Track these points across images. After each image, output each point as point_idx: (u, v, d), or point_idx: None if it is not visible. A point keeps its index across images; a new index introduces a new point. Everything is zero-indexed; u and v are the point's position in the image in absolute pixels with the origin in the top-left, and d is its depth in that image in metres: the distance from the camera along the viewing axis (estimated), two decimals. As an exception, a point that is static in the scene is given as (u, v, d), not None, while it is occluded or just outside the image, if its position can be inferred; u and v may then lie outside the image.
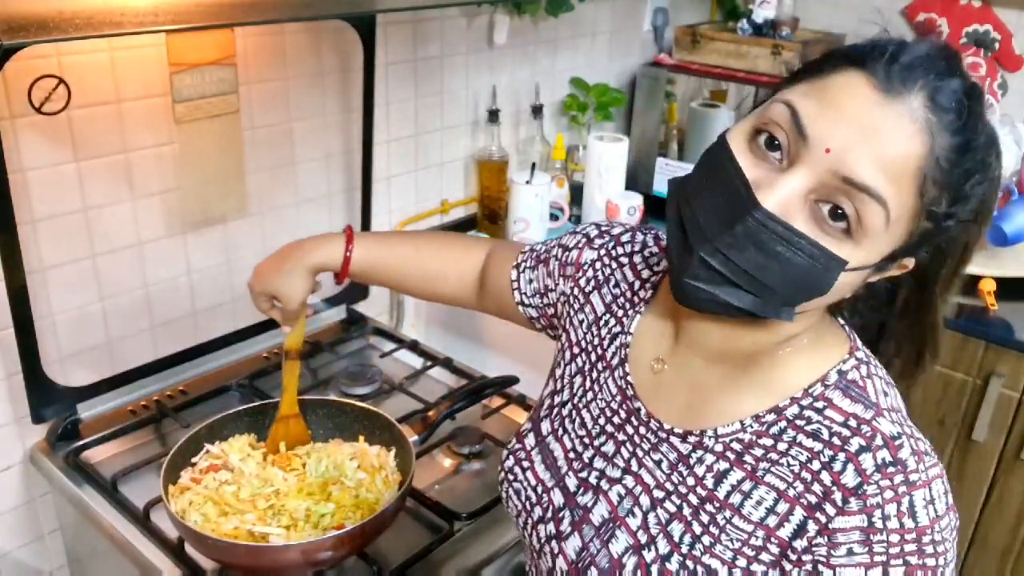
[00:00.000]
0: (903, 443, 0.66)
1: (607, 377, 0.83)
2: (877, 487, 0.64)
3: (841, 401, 0.69)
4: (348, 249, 1.00)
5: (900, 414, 0.69)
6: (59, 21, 0.84)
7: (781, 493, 0.68)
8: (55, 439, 1.31)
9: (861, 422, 0.67)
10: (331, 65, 1.55)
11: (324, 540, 0.96)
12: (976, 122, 0.61)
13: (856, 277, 0.65)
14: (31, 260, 1.24)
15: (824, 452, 0.67)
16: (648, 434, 0.77)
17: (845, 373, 0.70)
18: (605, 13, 2.15)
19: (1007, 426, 1.64)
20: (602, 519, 0.77)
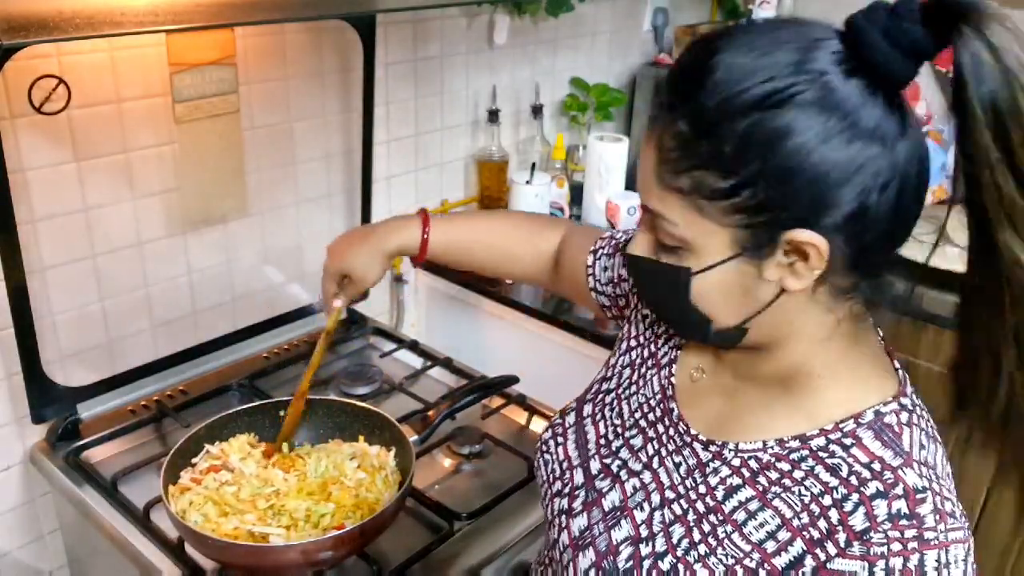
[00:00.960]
0: (926, 498, 0.62)
1: (654, 374, 0.85)
2: (885, 536, 0.61)
3: (871, 443, 0.66)
4: (425, 232, 1.04)
5: (933, 471, 0.65)
6: (59, 21, 0.84)
7: (786, 521, 0.66)
8: (55, 439, 1.31)
9: (886, 468, 0.64)
10: (331, 65, 1.55)
11: (324, 540, 0.96)
12: (690, 97, 0.61)
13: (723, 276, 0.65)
14: (31, 260, 1.24)
15: (838, 489, 0.64)
16: (675, 436, 0.78)
17: (883, 415, 0.67)
18: (605, 13, 2.15)
19: (1007, 426, 1.64)
20: (612, 506, 0.78)
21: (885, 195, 0.61)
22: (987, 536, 1.73)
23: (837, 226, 0.61)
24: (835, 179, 0.59)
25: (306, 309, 1.67)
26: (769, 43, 0.60)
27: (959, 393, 0.68)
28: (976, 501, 1.72)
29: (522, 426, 1.43)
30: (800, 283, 0.64)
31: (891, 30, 0.58)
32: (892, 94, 0.60)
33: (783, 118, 0.58)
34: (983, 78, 0.54)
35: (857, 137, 0.59)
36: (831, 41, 0.60)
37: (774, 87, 0.59)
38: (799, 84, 0.59)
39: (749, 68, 0.60)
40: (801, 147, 0.58)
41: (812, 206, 0.60)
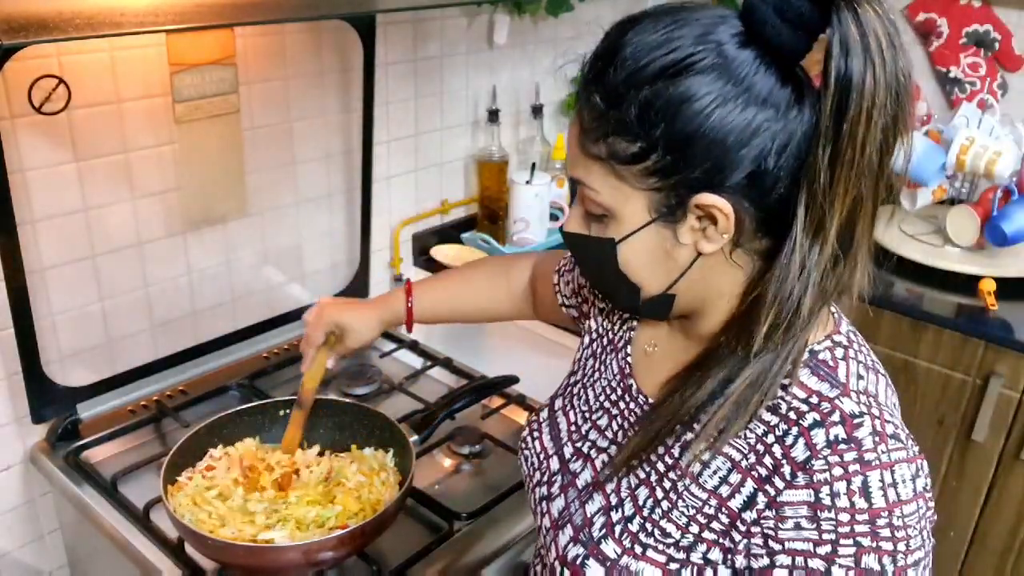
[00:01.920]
0: (863, 422, 0.65)
1: (612, 358, 0.89)
2: (825, 463, 0.64)
3: (807, 379, 0.69)
4: (408, 301, 1.14)
5: (872, 398, 0.68)
6: (59, 21, 0.84)
7: (735, 464, 0.70)
8: (55, 439, 1.31)
9: (823, 399, 0.67)
10: (331, 65, 1.55)
11: (324, 540, 0.96)
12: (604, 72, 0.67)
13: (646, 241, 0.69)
14: (31, 260, 1.24)
15: (779, 426, 0.68)
16: (636, 408, 0.82)
17: (816, 352, 0.71)
18: (605, 13, 2.15)
19: (1007, 426, 1.64)
20: (585, 483, 0.82)
21: (784, 158, 0.64)
22: (987, 536, 1.74)
23: (739, 187, 0.65)
24: (732, 142, 0.63)
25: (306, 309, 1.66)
26: (673, 22, 0.66)
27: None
28: (976, 501, 1.72)
29: (522, 426, 1.43)
30: (712, 245, 0.68)
31: (780, 6, 0.62)
32: (787, 67, 0.65)
33: (683, 85, 0.63)
34: (846, 54, 0.59)
35: (751, 103, 0.63)
36: (732, 19, 0.66)
37: (674, 58, 0.64)
38: (697, 54, 0.64)
39: (654, 43, 0.65)
40: (699, 111, 0.63)
41: (714, 168, 0.64)
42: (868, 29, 0.59)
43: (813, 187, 0.63)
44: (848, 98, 0.60)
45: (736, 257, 0.70)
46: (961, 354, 1.65)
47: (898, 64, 0.60)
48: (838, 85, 0.60)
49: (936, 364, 1.68)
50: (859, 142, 0.61)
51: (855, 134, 0.60)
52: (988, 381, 1.62)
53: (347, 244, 1.72)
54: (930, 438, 1.73)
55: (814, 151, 0.62)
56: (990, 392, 1.61)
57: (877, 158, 0.62)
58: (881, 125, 0.61)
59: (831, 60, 0.60)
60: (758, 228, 0.68)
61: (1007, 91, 2.11)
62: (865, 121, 0.60)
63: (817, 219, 0.63)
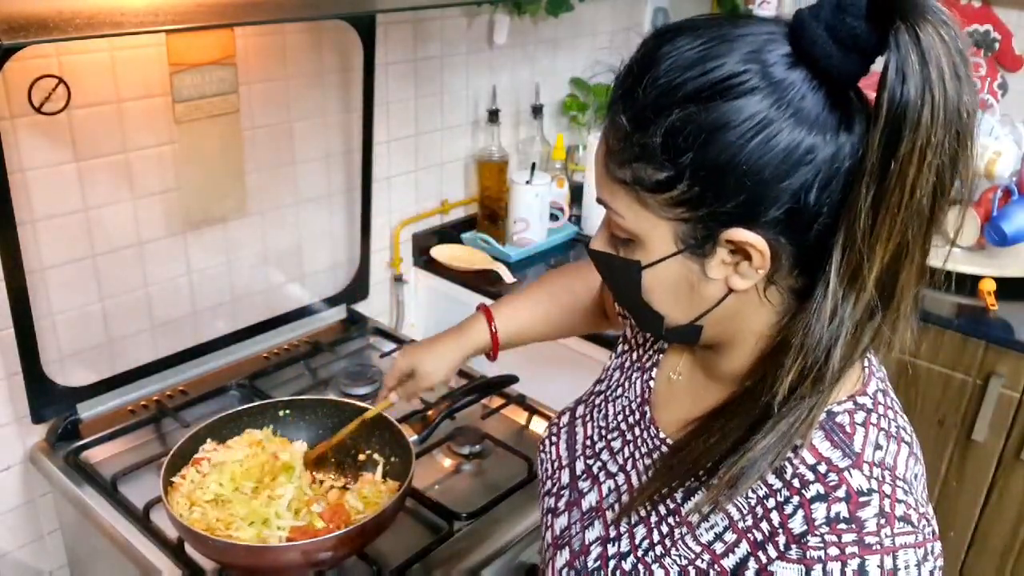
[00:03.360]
0: (870, 501, 0.60)
1: (637, 377, 0.85)
2: (821, 540, 0.59)
3: (820, 443, 0.64)
4: (492, 328, 1.08)
5: (888, 471, 0.62)
6: (59, 21, 0.84)
7: (733, 523, 0.66)
8: (55, 439, 1.31)
9: (831, 469, 0.62)
10: (331, 65, 1.55)
11: (324, 540, 0.96)
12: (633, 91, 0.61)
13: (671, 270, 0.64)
14: (31, 260, 1.23)
15: (781, 491, 0.63)
16: (648, 439, 0.79)
17: (835, 415, 0.65)
18: (605, 13, 2.15)
19: (1007, 426, 1.64)
20: (589, 506, 0.80)
21: (827, 194, 0.58)
22: (987, 536, 1.73)
23: (776, 223, 0.59)
24: (770, 175, 0.57)
25: (306, 309, 1.67)
26: (714, 38, 0.59)
27: None
28: (976, 501, 1.72)
29: (522, 426, 1.43)
30: (745, 283, 0.63)
31: (833, 24, 0.56)
32: (838, 91, 0.58)
33: (718, 110, 0.57)
34: (902, 82, 0.53)
35: (794, 133, 0.57)
36: (777, 36, 0.59)
37: (711, 79, 0.58)
38: (739, 76, 0.57)
39: (689, 61, 0.59)
40: (734, 140, 0.57)
41: (748, 203, 0.59)
42: (930, 56, 0.52)
43: (852, 229, 0.56)
44: (900, 132, 0.53)
45: (769, 294, 0.64)
46: (961, 354, 1.65)
47: (962, 98, 0.53)
48: (890, 116, 0.53)
49: (936, 364, 1.68)
50: (909, 183, 0.54)
51: (905, 174, 0.53)
52: (988, 381, 1.62)
53: (347, 244, 1.72)
54: (930, 438, 1.73)
55: (857, 189, 0.56)
56: (990, 392, 1.61)
57: (928, 203, 0.55)
58: (936, 166, 0.54)
59: (884, 88, 0.53)
60: (795, 265, 0.62)
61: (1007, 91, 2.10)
62: (917, 161, 0.53)
63: (854, 264, 0.57)
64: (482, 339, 1.09)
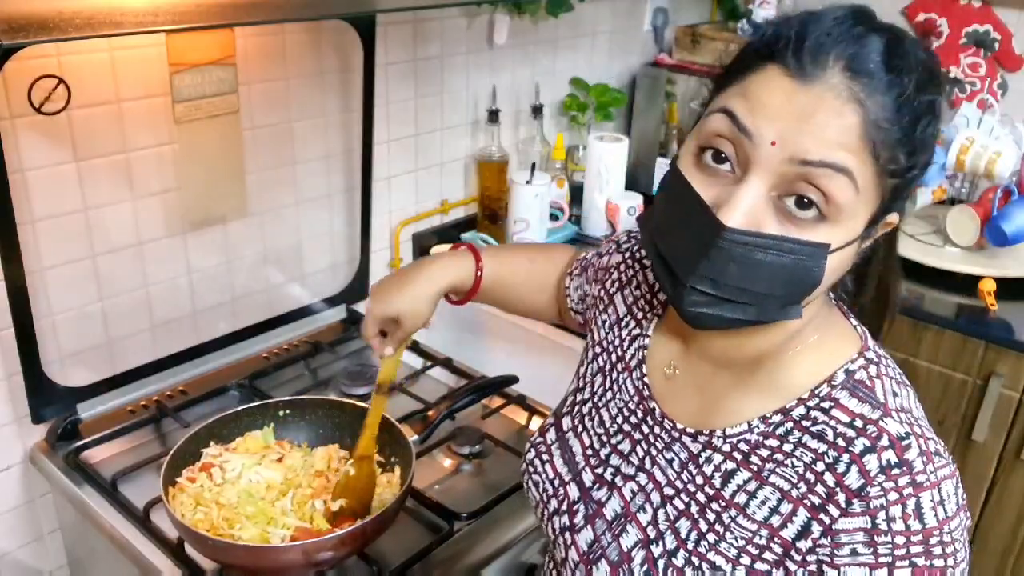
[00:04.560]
0: (911, 443, 0.65)
1: (625, 378, 0.85)
2: (881, 489, 0.64)
3: (848, 401, 0.68)
4: (478, 267, 1.00)
5: (910, 415, 0.68)
6: (59, 21, 0.84)
7: (785, 494, 0.68)
8: (55, 439, 1.31)
9: (867, 422, 0.66)
10: (331, 65, 1.55)
11: (324, 540, 0.96)
12: (902, 73, 0.61)
13: (846, 254, 0.65)
14: (31, 260, 1.23)
15: (828, 453, 0.67)
16: (662, 433, 0.79)
17: (852, 373, 0.70)
18: (605, 13, 2.15)
19: (1007, 426, 1.64)
20: (615, 514, 0.78)
21: None
22: (987, 536, 1.73)
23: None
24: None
25: (306, 309, 1.66)
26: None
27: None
28: (976, 501, 1.72)
29: (522, 426, 1.43)
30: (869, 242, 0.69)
31: None
32: None
33: (943, 108, 0.65)
34: None
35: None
36: None
37: (942, 77, 0.65)
38: (939, 92, 0.64)
39: (928, 56, 0.63)
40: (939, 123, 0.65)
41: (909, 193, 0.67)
42: None
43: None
44: None
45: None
46: (961, 354, 1.65)
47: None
48: None
49: (936, 364, 1.68)
50: None
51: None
52: (988, 381, 1.62)
53: (347, 244, 1.72)
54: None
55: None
56: (990, 392, 1.61)
57: None
58: None
59: None
60: None
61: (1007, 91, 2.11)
62: None
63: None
64: (462, 277, 1.00)
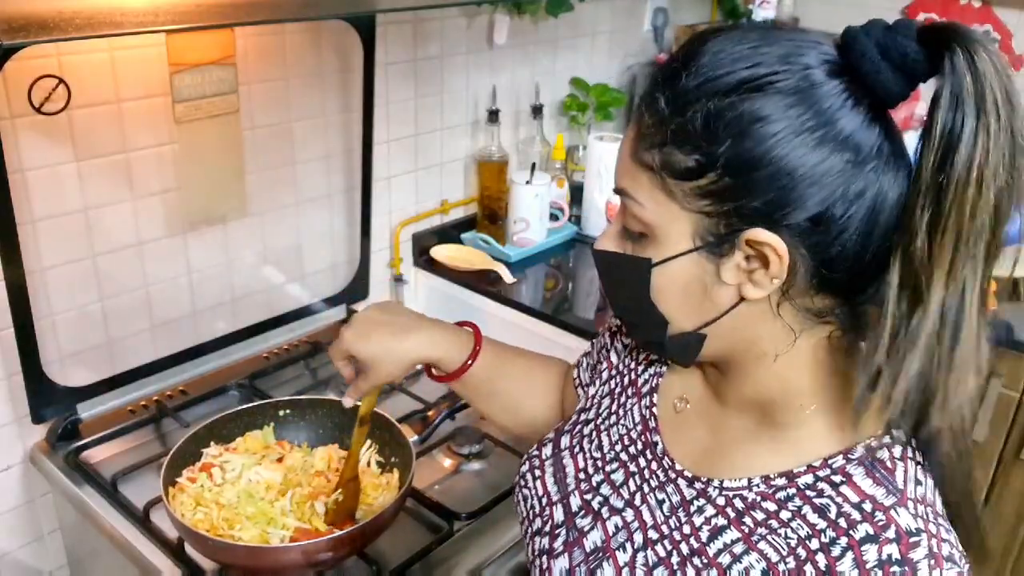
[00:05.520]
0: (920, 541, 0.58)
1: (634, 404, 0.81)
2: None
3: (862, 480, 0.62)
4: (474, 353, 0.94)
5: (931, 509, 0.61)
6: (59, 21, 0.84)
7: (771, 565, 0.62)
8: (55, 439, 1.31)
9: (877, 508, 0.60)
10: (331, 65, 1.55)
11: (324, 541, 0.96)
12: (674, 77, 0.61)
13: (683, 270, 0.63)
14: (31, 260, 1.23)
15: (826, 532, 0.61)
16: (658, 470, 0.75)
17: (874, 450, 0.63)
18: (605, 13, 2.15)
19: (1007, 426, 1.64)
20: (594, 546, 0.74)
21: (854, 210, 0.58)
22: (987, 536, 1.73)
23: (799, 230, 0.59)
24: (801, 176, 0.58)
25: (306, 309, 1.66)
26: (762, 38, 0.61)
27: None
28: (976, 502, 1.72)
29: (522, 426, 1.43)
30: (757, 291, 0.62)
31: (885, 42, 0.57)
32: (878, 110, 0.59)
33: (757, 103, 0.58)
34: (956, 107, 0.53)
35: (828, 139, 0.57)
36: (824, 46, 0.60)
37: (754, 73, 0.58)
38: (780, 74, 0.58)
39: (735, 56, 0.60)
40: (771, 136, 0.57)
41: (775, 202, 0.58)
42: (985, 80, 0.53)
43: (910, 251, 0.56)
44: (954, 156, 0.53)
45: (783, 311, 0.63)
46: (961, 354, 1.65)
47: (1013, 123, 0.54)
48: (943, 141, 0.54)
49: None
50: (968, 207, 0.54)
51: (963, 199, 0.54)
52: (988, 381, 1.62)
53: (347, 244, 1.72)
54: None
55: (911, 211, 0.56)
56: (990, 392, 1.61)
57: (990, 225, 0.56)
58: (995, 189, 0.54)
59: (937, 111, 0.54)
60: (812, 282, 0.61)
61: (1007, 91, 2.10)
62: (976, 184, 0.53)
63: (912, 286, 0.57)
64: (455, 353, 0.94)
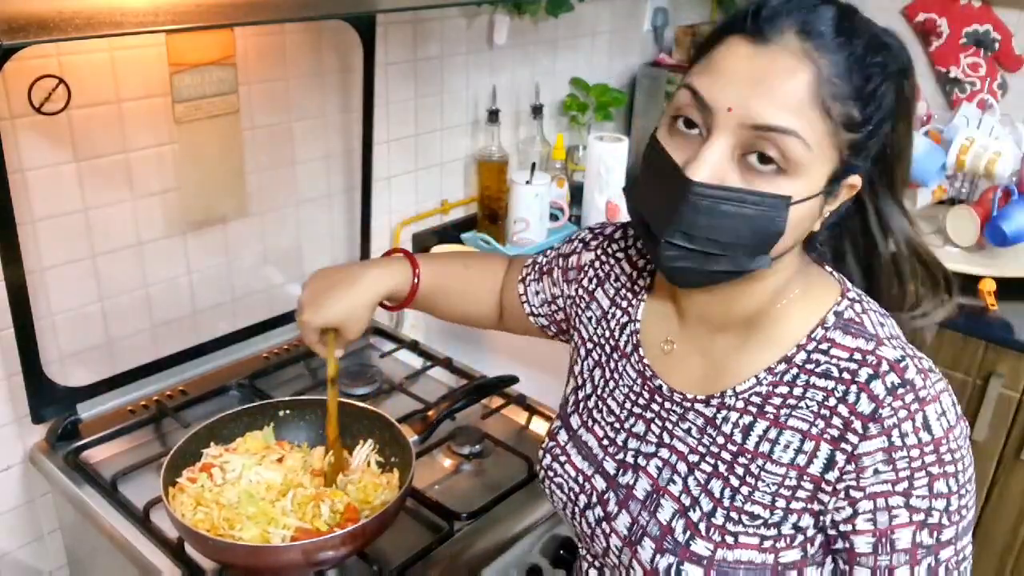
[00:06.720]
0: (907, 364, 0.71)
1: (624, 365, 0.88)
2: (891, 408, 0.69)
3: (843, 339, 0.74)
4: (416, 275, 1.01)
5: (900, 340, 0.75)
6: (59, 21, 0.84)
7: (805, 433, 0.73)
8: (55, 439, 1.31)
9: (865, 353, 0.72)
10: (331, 65, 1.55)
11: (324, 540, 0.96)
12: (853, 36, 0.68)
13: (810, 208, 0.71)
14: (31, 260, 1.23)
15: (837, 388, 0.72)
16: (674, 407, 0.83)
17: (841, 313, 0.76)
18: (605, 13, 2.15)
19: (1007, 426, 1.64)
20: (645, 492, 0.81)
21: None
22: (987, 535, 1.73)
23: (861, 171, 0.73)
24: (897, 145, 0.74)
25: (306, 309, 1.66)
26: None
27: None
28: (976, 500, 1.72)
29: (522, 426, 1.43)
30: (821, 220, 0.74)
31: None
32: None
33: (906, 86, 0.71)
34: None
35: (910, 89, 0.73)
36: None
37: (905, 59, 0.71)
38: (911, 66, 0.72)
39: (894, 39, 0.71)
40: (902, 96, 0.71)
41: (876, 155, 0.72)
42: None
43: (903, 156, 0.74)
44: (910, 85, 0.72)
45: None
46: (961, 354, 1.65)
47: None
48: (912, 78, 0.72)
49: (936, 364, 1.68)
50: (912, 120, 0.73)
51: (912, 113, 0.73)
52: (988, 381, 1.62)
53: (347, 244, 1.72)
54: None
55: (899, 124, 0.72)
56: (990, 392, 1.61)
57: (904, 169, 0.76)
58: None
59: None
60: None
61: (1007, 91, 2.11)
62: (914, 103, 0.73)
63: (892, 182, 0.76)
64: (399, 284, 1.01)
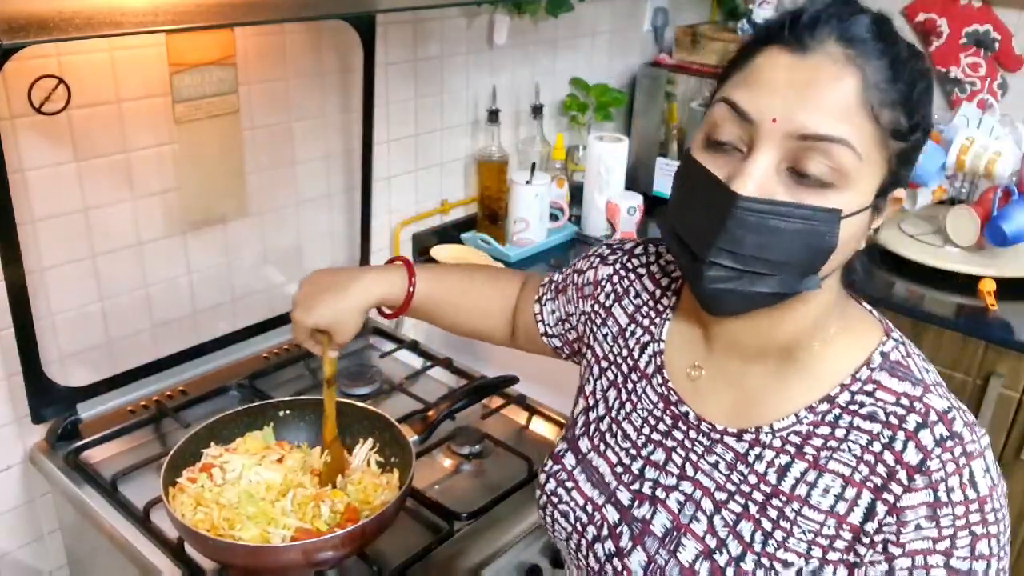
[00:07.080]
0: (955, 416, 0.68)
1: (644, 386, 0.83)
2: (940, 461, 0.66)
3: (889, 382, 0.70)
4: (411, 284, 0.98)
5: (944, 388, 0.72)
6: (59, 21, 0.84)
7: (847, 479, 0.69)
8: (55, 439, 1.31)
9: (913, 399, 0.69)
10: (331, 65, 1.55)
11: (324, 540, 0.96)
12: (894, 41, 0.66)
13: (859, 223, 0.67)
14: (31, 260, 1.23)
15: (883, 433, 0.69)
16: (700, 437, 0.77)
17: (887, 354, 0.72)
18: (605, 13, 2.15)
19: (1007, 426, 1.64)
20: (665, 529, 0.76)
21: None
22: (987, 536, 1.74)
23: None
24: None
25: (306, 309, 1.66)
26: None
27: None
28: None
29: (522, 426, 1.43)
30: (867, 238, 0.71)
31: None
32: None
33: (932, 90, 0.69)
34: None
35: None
36: None
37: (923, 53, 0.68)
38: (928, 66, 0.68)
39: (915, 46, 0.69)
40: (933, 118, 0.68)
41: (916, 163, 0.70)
42: None
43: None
44: None
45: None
46: (961, 354, 1.65)
47: None
48: None
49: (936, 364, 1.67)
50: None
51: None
52: (988, 381, 1.62)
53: (347, 244, 1.72)
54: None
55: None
56: (990, 392, 1.61)
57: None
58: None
59: None
60: None
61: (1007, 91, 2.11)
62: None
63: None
64: (394, 292, 0.98)
